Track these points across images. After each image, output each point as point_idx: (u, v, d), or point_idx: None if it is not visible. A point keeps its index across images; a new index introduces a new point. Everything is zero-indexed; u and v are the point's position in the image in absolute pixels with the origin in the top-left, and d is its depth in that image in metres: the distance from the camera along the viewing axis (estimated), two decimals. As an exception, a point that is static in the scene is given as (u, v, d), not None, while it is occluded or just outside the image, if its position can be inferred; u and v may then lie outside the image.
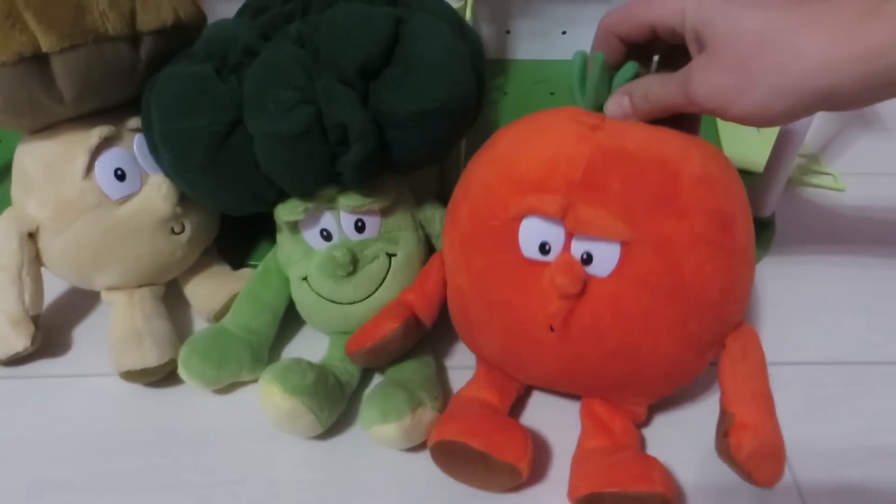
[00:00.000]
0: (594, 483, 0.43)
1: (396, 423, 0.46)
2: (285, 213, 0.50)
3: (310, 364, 0.48)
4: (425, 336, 0.51)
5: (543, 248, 0.43)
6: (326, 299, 0.51)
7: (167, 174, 0.51)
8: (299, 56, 0.45)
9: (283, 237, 0.53)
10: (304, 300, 0.53)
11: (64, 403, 0.52)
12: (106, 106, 0.50)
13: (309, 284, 0.51)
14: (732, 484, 0.47)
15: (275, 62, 0.45)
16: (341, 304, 0.51)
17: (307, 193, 0.49)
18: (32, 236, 0.52)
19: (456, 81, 0.47)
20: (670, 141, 0.43)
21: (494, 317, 0.46)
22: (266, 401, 0.46)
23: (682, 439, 0.50)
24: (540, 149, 0.44)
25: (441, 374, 0.54)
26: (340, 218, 0.50)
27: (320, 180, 0.48)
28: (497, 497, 0.47)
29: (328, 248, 0.50)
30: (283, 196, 0.50)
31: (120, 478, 0.48)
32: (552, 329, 0.44)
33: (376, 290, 0.51)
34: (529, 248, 0.44)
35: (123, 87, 0.50)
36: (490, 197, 0.45)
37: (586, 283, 0.42)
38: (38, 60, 0.45)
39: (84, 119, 0.50)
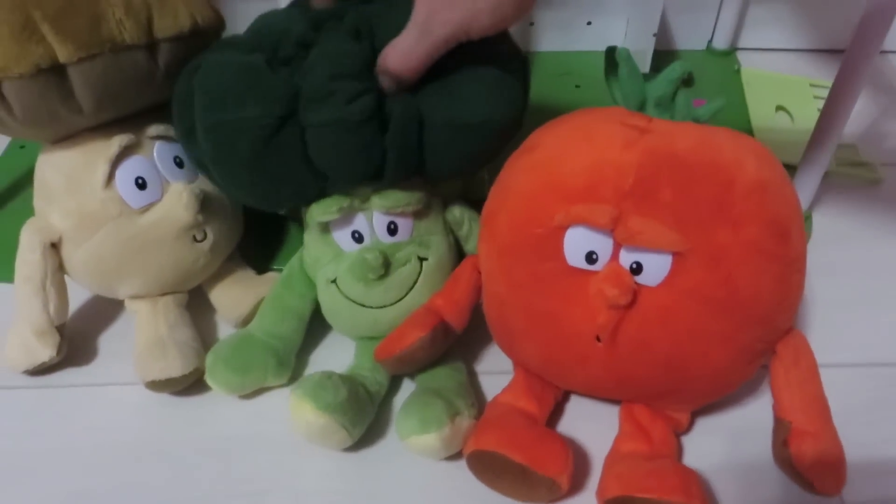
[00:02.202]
0: (628, 486, 0.41)
1: (436, 432, 0.45)
2: (319, 213, 0.48)
3: (341, 378, 0.47)
4: (456, 341, 0.50)
5: (590, 258, 0.42)
6: (355, 303, 0.50)
7: (200, 165, 0.49)
8: (360, 48, 0.45)
9: (311, 238, 0.52)
10: (331, 304, 0.52)
11: (90, 413, 0.52)
12: (125, 115, 0.50)
13: (338, 287, 0.50)
14: (768, 493, 0.46)
15: (339, 53, 0.45)
16: (370, 307, 0.50)
17: (355, 185, 0.48)
18: (55, 246, 0.51)
19: (504, 101, 0.46)
20: (722, 144, 0.41)
21: (537, 327, 0.45)
22: (298, 417, 0.45)
23: (718, 447, 0.49)
24: (585, 154, 0.42)
25: (473, 379, 0.53)
26: (373, 220, 0.49)
27: (371, 171, 0.47)
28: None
29: (360, 251, 0.49)
30: (321, 194, 0.49)
31: (147, 488, 0.48)
32: (598, 339, 0.42)
33: (407, 294, 0.50)
34: (575, 258, 0.42)
35: (142, 95, 0.49)
36: (532, 205, 0.43)
37: (635, 293, 0.41)
38: (56, 71, 0.44)
39: (104, 128, 0.50)
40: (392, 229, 0.50)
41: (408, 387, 0.52)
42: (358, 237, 0.50)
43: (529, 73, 0.51)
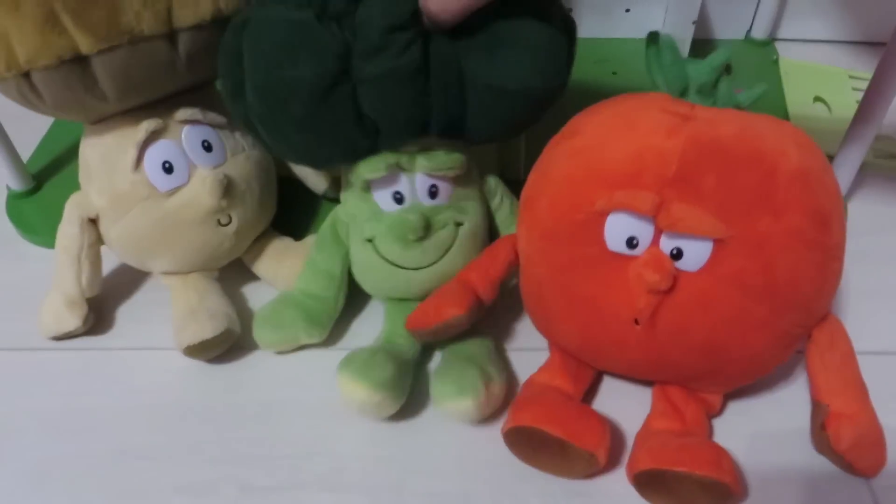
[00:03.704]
0: (660, 459, 0.42)
1: (472, 398, 0.46)
2: (367, 170, 0.49)
3: (385, 353, 0.48)
4: (486, 318, 0.51)
5: (630, 243, 0.42)
6: (391, 263, 0.51)
7: (246, 123, 0.49)
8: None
9: (350, 195, 0.52)
10: (364, 262, 0.52)
11: (136, 376, 0.54)
12: (151, 101, 0.51)
13: (374, 247, 0.51)
14: (795, 475, 0.47)
15: (389, 4, 0.44)
16: (405, 269, 0.51)
17: (404, 139, 0.48)
18: (94, 222, 0.53)
19: (549, 70, 0.46)
20: (765, 131, 0.41)
21: (575, 310, 0.45)
22: (350, 395, 0.46)
23: (748, 428, 0.49)
24: (628, 141, 0.42)
25: (503, 355, 0.54)
26: (416, 181, 0.50)
27: (420, 122, 0.47)
28: (563, 479, 0.47)
29: (400, 211, 0.50)
30: (370, 152, 0.49)
31: (189, 449, 0.49)
32: (637, 323, 0.43)
33: (441, 258, 0.51)
34: (615, 243, 0.43)
35: (165, 83, 0.50)
36: (573, 190, 0.43)
37: (675, 278, 0.41)
38: (79, 62, 0.45)
39: (135, 112, 0.51)
40: (433, 192, 0.50)
41: (440, 354, 0.54)
42: (399, 198, 0.50)
43: (576, 40, 0.51)
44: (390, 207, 0.51)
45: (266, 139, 0.49)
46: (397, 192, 0.50)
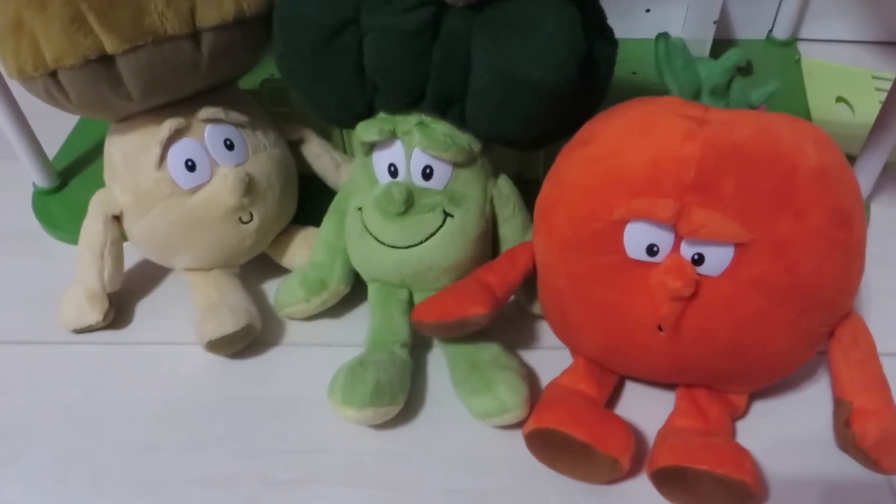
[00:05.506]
0: (681, 457, 0.42)
1: (521, 405, 0.47)
2: (362, 130, 0.50)
3: (362, 364, 0.48)
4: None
5: (651, 250, 0.42)
6: (371, 235, 0.51)
7: (276, 59, 0.51)
8: None
9: (357, 164, 0.54)
10: (351, 230, 0.53)
11: (159, 369, 0.55)
12: (175, 99, 0.52)
13: (361, 216, 0.52)
14: (816, 477, 0.46)
15: None
16: (382, 244, 0.51)
17: (401, 103, 0.49)
18: (118, 218, 0.54)
19: (556, 64, 0.44)
20: (782, 131, 0.41)
21: (597, 318, 0.45)
22: (345, 416, 0.47)
23: (770, 429, 0.49)
24: (644, 147, 0.41)
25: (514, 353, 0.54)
26: (412, 158, 0.50)
27: (416, 88, 0.48)
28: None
29: (388, 183, 0.51)
30: (369, 112, 0.50)
31: (210, 441, 0.50)
32: (660, 329, 0.43)
33: (420, 243, 0.51)
34: (636, 251, 0.42)
35: (189, 82, 0.51)
36: (591, 199, 0.43)
37: (697, 283, 0.41)
38: (105, 61, 0.46)
39: (159, 111, 0.51)
40: (427, 174, 0.50)
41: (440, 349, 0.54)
42: (394, 171, 0.51)
43: (614, 50, 0.50)
44: (385, 180, 0.51)
45: (285, 75, 0.50)
46: (392, 165, 0.51)
